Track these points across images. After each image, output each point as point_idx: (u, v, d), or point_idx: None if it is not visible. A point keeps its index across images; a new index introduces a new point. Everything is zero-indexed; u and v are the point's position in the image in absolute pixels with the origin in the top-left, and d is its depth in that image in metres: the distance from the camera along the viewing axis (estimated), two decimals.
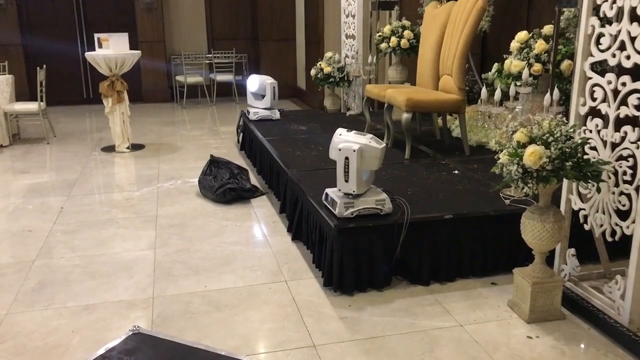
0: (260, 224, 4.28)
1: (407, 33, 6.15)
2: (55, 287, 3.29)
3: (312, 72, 6.98)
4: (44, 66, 7.09)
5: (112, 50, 6.31)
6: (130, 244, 3.92)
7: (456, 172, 4.22)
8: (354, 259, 3.12)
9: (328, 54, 6.95)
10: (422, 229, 3.22)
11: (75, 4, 9.72)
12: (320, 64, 6.89)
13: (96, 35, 6.45)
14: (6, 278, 3.41)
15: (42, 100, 6.95)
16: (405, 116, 4.52)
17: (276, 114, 6.46)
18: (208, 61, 10.00)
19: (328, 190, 3.37)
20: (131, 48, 6.55)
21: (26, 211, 4.61)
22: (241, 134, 6.69)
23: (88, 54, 6.41)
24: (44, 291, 3.23)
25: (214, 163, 4.90)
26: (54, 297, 3.16)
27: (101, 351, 2.01)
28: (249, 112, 6.49)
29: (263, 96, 6.48)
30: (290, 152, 4.86)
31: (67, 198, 4.90)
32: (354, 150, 3.09)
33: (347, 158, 3.11)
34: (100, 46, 6.39)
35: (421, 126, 5.56)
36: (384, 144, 3.23)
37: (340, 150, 3.12)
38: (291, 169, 4.32)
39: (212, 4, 10.36)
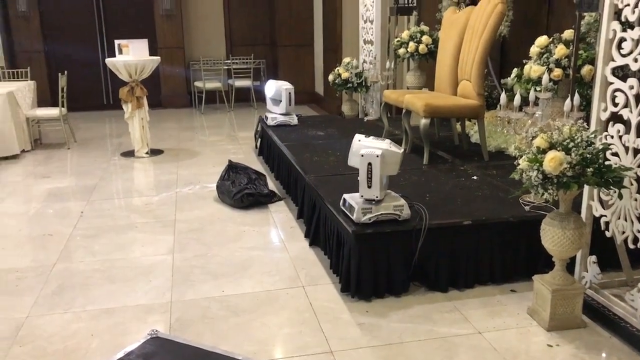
0: (278, 229, 4.28)
1: (425, 38, 6.14)
2: (75, 290, 3.32)
3: (330, 77, 6.99)
4: (65, 72, 7.19)
5: (132, 56, 6.38)
6: (149, 249, 3.94)
7: (475, 177, 4.19)
8: (371, 265, 3.11)
9: (346, 60, 6.96)
10: (441, 235, 3.20)
11: (96, 11, 9.85)
12: (338, 70, 6.90)
13: (116, 42, 6.52)
14: (27, 281, 3.46)
15: (63, 106, 7.04)
16: (424, 122, 4.51)
17: (294, 120, 6.47)
18: (226, 67, 10.07)
19: (346, 196, 3.36)
20: (151, 54, 6.62)
21: (47, 215, 4.67)
22: (259, 140, 6.71)
23: (108, 60, 6.49)
24: (64, 295, 3.27)
25: (232, 168, 4.92)
26: (74, 300, 3.20)
27: (120, 355, 2.02)
28: (267, 118, 6.51)
29: (280, 102, 6.50)
30: (308, 158, 4.86)
31: (87, 203, 4.95)
32: (377, 156, 3.07)
33: (370, 164, 3.09)
34: (120, 52, 6.46)
35: (439, 132, 5.54)
36: (403, 149, 3.22)
37: (362, 156, 3.11)
38: (309, 174, 4.32)
39: (230, 11, 10.43)
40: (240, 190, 4.68)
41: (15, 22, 9.45)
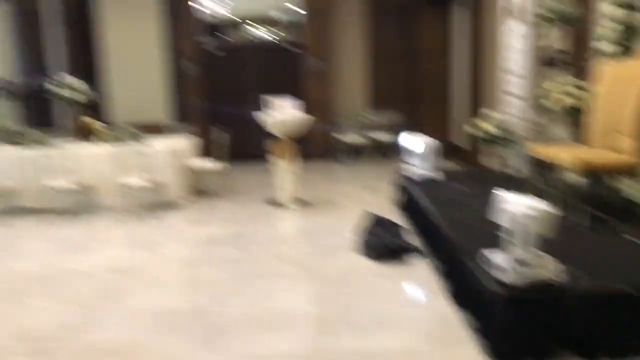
0: (419, 285, 4.26)
1: (575, 91, 5.90)
2: (223, 334, 3.52)
3: (474, 131, 6.92)
4: (224, 127, 7.82)
5: (282, 113, 6.82)
6: (292, 297, 4.10)
7: (634, 240, 3.89)
8: (520, 329, 2.98)
9: (490, 113, 6.86)
10: (597, 302, 3.00)
11: (252, 69, 10.70)
12: (481, 123, 6.81)
13: (268, 99, 7.01)
14: (182, 323, 3.73)
15: (220, 158, 7.63)
16: (576, 178, 4.30)
17: (436, 174, 6.45)
18: (368, 121, 10.38)
19: (494, 255, 3.28)
20: (299, 108, 7.00)
21: (202, 260, 5.03)
22: (400, 193, 6.76)
23: (261, 116, 6.97)
24: (215, 338, 3.48)
25: (374, 221, 5.01)
26: (223, 343, 3.39)
27: None
28: (408, 172, 6.56)
29: (422, 156, 6.53)
30: (451, 213, 4.80)
31: (237, 249, 5.27)
32: (531, 216, 2.97)
33: (522, 224, 3.00)
34: (272, 109, 6.92)
35: (594, 189, 5.22)
36: (557, 209, 3.10)
37: (514, 214, 3.03)
38: (452, 229, 4.27)
39: (375, 67, 10.77)
40: (382, 243, 4.73)
41: (182, 81, 10.53)
